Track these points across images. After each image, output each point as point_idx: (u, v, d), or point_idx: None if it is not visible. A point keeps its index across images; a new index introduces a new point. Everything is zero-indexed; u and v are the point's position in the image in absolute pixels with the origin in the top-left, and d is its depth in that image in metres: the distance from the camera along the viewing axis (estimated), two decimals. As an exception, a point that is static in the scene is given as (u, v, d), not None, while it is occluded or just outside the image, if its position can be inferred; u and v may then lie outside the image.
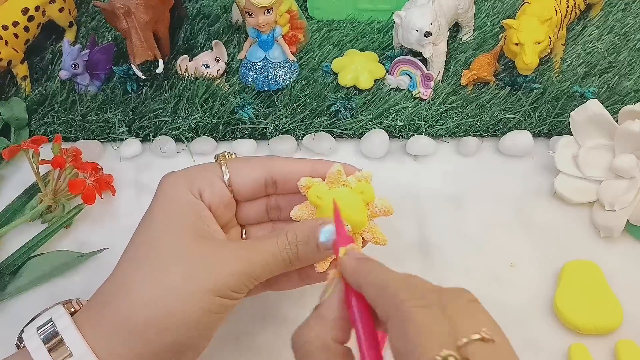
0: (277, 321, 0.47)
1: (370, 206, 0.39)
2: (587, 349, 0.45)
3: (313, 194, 0.39)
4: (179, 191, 0.39)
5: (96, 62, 0.60)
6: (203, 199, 0.39)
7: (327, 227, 0.37)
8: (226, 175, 0.40)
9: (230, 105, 0.57)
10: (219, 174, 0.40)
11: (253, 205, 0.42)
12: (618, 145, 0.51)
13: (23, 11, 0.59)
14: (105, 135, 0.58)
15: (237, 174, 0.40)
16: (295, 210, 0.40)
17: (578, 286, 0.47)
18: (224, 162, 0.40)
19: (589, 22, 0.65)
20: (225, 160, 0.41)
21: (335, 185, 0.39)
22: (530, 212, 0.53)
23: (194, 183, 0.39)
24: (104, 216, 0.54)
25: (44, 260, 0.50)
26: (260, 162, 0.41)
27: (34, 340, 0.35)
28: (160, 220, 0.38)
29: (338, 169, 0.39)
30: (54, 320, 0.36)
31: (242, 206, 0.42)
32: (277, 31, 0.58)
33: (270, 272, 0.38)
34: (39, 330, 0.35)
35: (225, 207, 0.40)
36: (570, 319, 0.46)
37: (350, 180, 0.39)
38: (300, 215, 0.40)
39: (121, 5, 0.55)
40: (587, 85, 0.58)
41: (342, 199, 0.38)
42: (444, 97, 0.58)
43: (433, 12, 0.55)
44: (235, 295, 0.37)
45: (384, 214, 0.40)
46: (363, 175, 0.39)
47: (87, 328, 0.35)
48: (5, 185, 0.56)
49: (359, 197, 0.39)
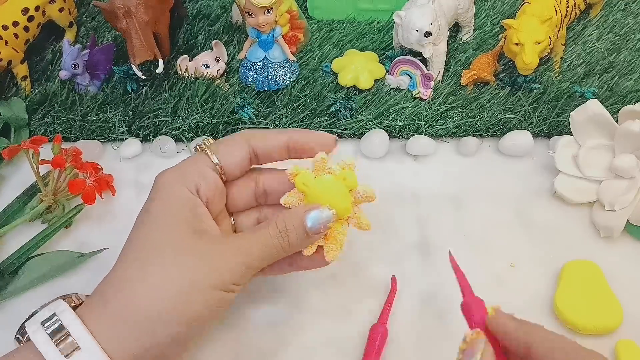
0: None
1: (354, 193, 0.40)
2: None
3: (300, 182, 0.40)
4: (175, 188, 0.40)
5: (96, 62, 0.60)
6: (200, 194, 0.40)
7: (312, 212, 0.39)
8: (214, 159, 0.41)
9: (230, 105, 0.57)
10: (207, 163, 0.41)
11: (242, 191, 0.43)
12: (618, 145, 0.51)
13: (23, 11, 0.59)
14: (105, 135, 0.58)
15: (222, 154, 0.41)
16: (285, 196, 0.41)
17: (578, 286, 0.47)
18: (208, 148, 0.42)
19: (589, 22, 0.65)
20: (207, 146, 0.42)
21: (321, 172, 0.41)
22: (530, 212, 0.53)
23: (189, 178, 0.40)
24: (104, 216, 0.54)
25: (44, 260, 0.50)
26: (241, 139, 0.42)
27: (39, 334, 0.35)
28: (158, 217, 0.39)
29: (322, 157, 0.41)
30: (57, 315, 0.36)
31: (232, 193, 0.43)
32: (277, 31, 0.58)
33: (266, 262, 0.40)
34: (43, 325, 0.36)
35: (219, 196, 0.42)
36: (570, 319, 0.46)
37: (335, 167, 0.41)
38: (289, 202, 0.41)
39: (121, 5, 0.55)
40: (587, 85, 0.58)
41: (328, 186, 0.40)
42: (444, 97, 0.58)
43: (433, 12, 0.55)
44: (235, 288, 0.38)
45: (366, 199, 0.41)
46: (346, 163, 0.40)
47: (90, 323, 0.36)
48: (5, 185, 0.56)
49: (343, 184, 0.40)
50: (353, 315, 0.47)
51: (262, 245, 0.39)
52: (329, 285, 0.49)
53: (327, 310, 0.48)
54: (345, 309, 0.48)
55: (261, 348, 0.46)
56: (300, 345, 0.46)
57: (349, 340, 0.46)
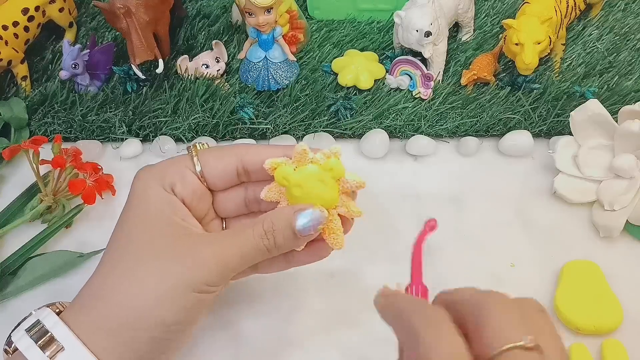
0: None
1: (342, 182, 0.39)
2: (587, 349, 0.45)
3: (279, 175, 0.38)
4: (151, 187, 0.39)
5: (96, 62, 0.60)
6: (175, 192, 0.39)
7: (303, 213, 0.37)
8: (198, 167, 0.40)
9: (230, 105, 0.57)
10: (189, 166, 0.40)
11: (230, 198, 0.42)
12: (618, 145, 0.51)
13: (23, 11, 0.59)
14: (105, 135, 0.58)
15: (207, 164, 0.40)
16: (265, 191, 0.40)
17: (578, 286, 0.47)
18: (195, 154, 0.40)
19: (589, 22, 0.65)
20: (197, 151, 0.40)
21: (303, 164, 0.39)
22: (530, 212, 0.53)
23: (165, 178, 0.39)
24: (104, 216, 0.54)
25: (44, 260, 0.50)
26: (231, 151, 0.41)
27: (23, 341, 0.36)
28: (133, 220, 0.38)
29: (303, 147, 0.38)
30: (41, 320, 0.36)
31: (219, 199, 0.42)
32: (277, 31, 0.58)
33: (247, 263, 0.38)
34: (28, 332, 0.36)
35: (200, 200, 0.40)
36: (570, 318, 0.46)
37: (319, 157, 0.39)
38: (269, 196, 0.39)
39: (121, 5, 0.55)
40: (587, 85, 0.58)
41: (310, 177, 0.38)
42: (444, 97, 0.58)
43: (433, 12, 0.55)
44: (212, 289, 0.37)
45: (357, 187, 0.39)
46: (332, 152, 0.38)
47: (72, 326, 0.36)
48: (5, 185, 0.56)
49: (328, 174, 0.38)
50: (353, 315, 0.47)
51: (244, 245, 0.37)
52: (328, 285, 0.49)
53: (327, 310, 0.48)
54: (345, 309, 0.48)
55: (261, 348, 0.46)
56: (300, 345, 0.46)
57: (349, 340, 0.46)
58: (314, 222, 0.37)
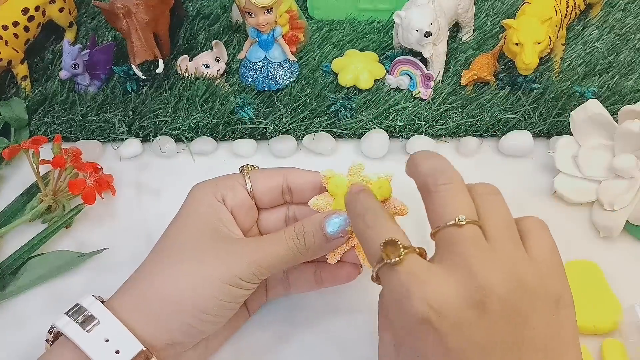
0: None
1: (387, 203, 0.41)
2: (587, 349, 0.45)
3: (333, 184, 0.42)
4: (204, 195, 0.43)
5: (96, 62, 0.60)
6: (226, 203, 0.43)
7: (334, 218, 0.40)
8: (249, 185, 0.44)
9: (230, 105, 0.57)
10: (241, 182, 0.44)
11: (273, 216, 0.45)
12: (618, 145, 0.51)
13: (23, 11, 0.59)
14: (105, 135, 0.58)
15: (257, 182, 0.44)
16: (314, 199, 0.42)
17: (578, 286, 0.47)
18: (247, 173, 0.44)
19: (589, 22, 0.65)
20: (248, 171, 0.45)
21: (355, 178, 0.42)
22: (530, 212, 0.52)
23: (218, 189, 0.43)
24: (104, 216, 0.54)
25: (44, 260, 0.50)
26: (279, 172, 0.45)
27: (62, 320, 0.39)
28: (184, 220, 0.42)
29: (360, 163, 0.42)
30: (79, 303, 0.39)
31: (263, 216, 0.45)
32: (277, 31, 0.58)
33: (280, 263, 0.41)
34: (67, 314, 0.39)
35: (247, 212, 0.44)
36: (570, 318, 0.46)
37: (371, 176, 0.42)
38: (317, 204, 0.42)
39: (121, 5, 0.55)
40: (587, 85, 0.58)
41: None
42: (444, 97, 0.58)
43: (433, 12, 0.55)
44: (245, 285, 0.40)
45: (398, 213, 0.41)
46: (385, 174, 0.42)
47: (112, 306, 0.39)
48: (5, 185, 0.56)
49: (377, 192, 0.41)
50: (353, 314, 0.47)
51: (276, 245, 0.40)
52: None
53: (327, 309, 0.48)
54: (345, 309, 0.48)
55: (261, 347, 0.46)
56: (300, 344, 0.46)
57: (350, 339, 0.46)
58: (343, 225, 0.40)
